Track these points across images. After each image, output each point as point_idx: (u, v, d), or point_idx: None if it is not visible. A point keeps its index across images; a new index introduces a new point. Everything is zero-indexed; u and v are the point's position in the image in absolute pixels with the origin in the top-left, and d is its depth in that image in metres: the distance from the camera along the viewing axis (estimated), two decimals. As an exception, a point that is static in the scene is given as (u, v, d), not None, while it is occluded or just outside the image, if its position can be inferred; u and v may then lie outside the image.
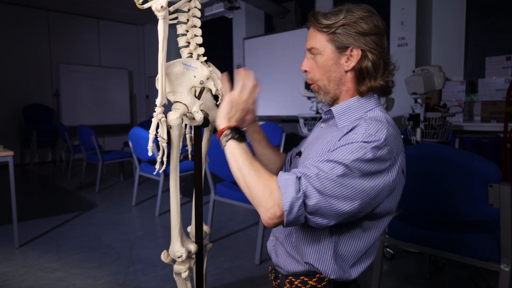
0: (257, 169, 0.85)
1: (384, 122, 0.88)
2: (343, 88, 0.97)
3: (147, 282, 2.27)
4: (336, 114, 0.97)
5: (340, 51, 0.93)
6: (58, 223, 3.44)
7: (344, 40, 0.92)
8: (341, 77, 0.96)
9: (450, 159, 1.49)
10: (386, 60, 0.95)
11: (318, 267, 0.93)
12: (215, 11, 5.00)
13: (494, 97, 3.65)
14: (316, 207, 0.80)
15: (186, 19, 1.24)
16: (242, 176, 0.86)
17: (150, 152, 1.04)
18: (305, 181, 0.80)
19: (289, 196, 0.79)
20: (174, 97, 1.15)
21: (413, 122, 2.69)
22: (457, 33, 4.16)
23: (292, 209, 0.79)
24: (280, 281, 1.03)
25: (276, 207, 0.80)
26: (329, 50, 0.94)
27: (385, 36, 0.96)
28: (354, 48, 0.92)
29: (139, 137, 3.68)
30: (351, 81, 0.96)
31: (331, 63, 0.94)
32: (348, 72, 0.95)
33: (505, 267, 1.43)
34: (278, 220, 0.81)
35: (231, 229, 3.24)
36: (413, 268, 2.42)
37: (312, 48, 0.96)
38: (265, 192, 0.82)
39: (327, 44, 0.94)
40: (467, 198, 1.46)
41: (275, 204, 0.80)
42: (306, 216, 0.81)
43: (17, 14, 6.81)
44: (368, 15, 0.93)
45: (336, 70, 0.95)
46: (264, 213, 0.82)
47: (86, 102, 7.57)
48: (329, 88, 0.97)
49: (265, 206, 0.81)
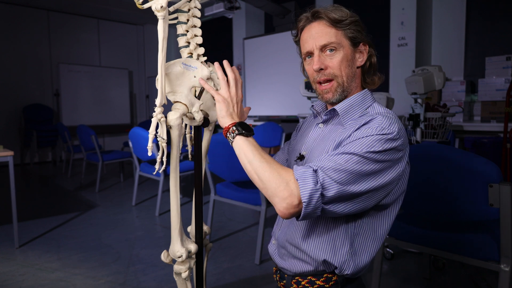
0: (268, 161, 0.85)
1: (393, 116, 0.90)
2: (354, 84, 0.98)
3: (147, 282, 2.27)
4: (341, 113, 0.97)
5: (354, 46, 0.95)
6: (58, 223, 3.44)
7: (357, 35, 0.94)
8: (354, 72, 0.97)
9: (450, 159, 1.49)
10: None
11: (334, 263, 0.94)
12: (215, 11, 5.00)
13: (494, 97, 3.65)
14: (334, 197, 0.81)
15: (186, 19, 1.24)
16: (253, 169, 0.86)
17: (150, 152, 1.04)
18: (322, 173, 0.80)
19: (308, 188, 0.79)
20: (174, 97, 1.14)
21: (413, 122, 2.70)
22: (457, 33, 4.16)
23: (311, 200, 0.78)
24: (286, 281, 1.02)
25: (294, 198, 0.79)
26: (347, 45, 0.95)
27: None
28: (364, 44, 0.94)
29: (139, 137, 3.68)
30: (359, 76, 0.98)
31: (349, 58, 0.95)
32: (358, 68, 0.97)
33: (505, 267, 1.43)
34: (295, 210, 0.80)
35: (231, 229, 3.24)
36: (413, 268, 2.42)
37: (330, 43, 0.93)
38: (281, 182, 0.81)
39: (343, 39, 0.94)
40: (467, 198, 1.46)
41: (292, 195, 0.79)
42: (323, 208, 0.81)
43: (17, 14, 6.81)
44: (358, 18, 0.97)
45: (352, 65, 0.96)
46: (279, 203, 0.81)
47: (86, 102, 7.57)
48: (346, 85, 0.96)
49: (281, 196, 0.80)
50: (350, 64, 0.95)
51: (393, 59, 4.17)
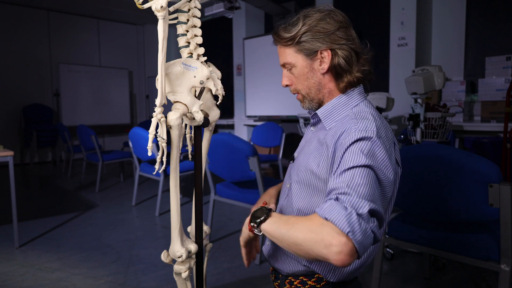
0: (294, 224, 0.77)
1: (370, 118, 0.89)
2: (324, 91, 0.98)
3: (147, 282, 2.27)
4: (322, 116, 0.99)
5: (311, 57, 0.95)
6: (58, 223, 3.44)
7: (310, 46, 0.94)
8: (319, 81, 0.97)
9: (450, 159, 1.49)
10: (357, 50, 0.95)
11: (319, 271, 0.94)
12: (215, 11, 5.00)
13: (494, 97, 3.65)
14: (370, 212, 0.74)
15: (186, 19, 1.24)
16: (290, 244, 0.77)
17: (150, 152, 1.04)
18: (344, 197, 0.74)
19: (342, 215, 0.70)
20: (174, 97, 1.15)
21: (413, 122, 2.69)
22: (457, 33, 4.16)
23: (353, 225, 0.69)
24: (280, 281, 1.04)
25: (336, 236, 0.69)
26: (300, 60, 0.96)
27: (350, 26, 0.96)
28: (323, 50, 0.93)
29: (139, 137, 3.68)
30: (331, 81, 0.98)
31: (307, 71, 0.97)
32: (325, 74, 0.97)
33: (505, 267, 1.43)
34: (348, 248, 0.68)
35: (231, 229, 3.24)
36: (413, 268, 2.42)
37: (285, 63, 1.00)
38: (315, 233, 0.72)
39: (296, 55, 0.96)
40: (467, 198, 1.46)
41: (332, 236, 0.69)
42: (371, 230, 0.72)
43: (17, 14, 6.81)
44: (326, 13, 0.93)
45: (313, 76, 0.97)
46: (329, 253, 0.69)
47: (86, 102, 7.56)
48: (312, 95, 0.99)
49: (324, 244, 0.70)
50: (310, 76, 0.97)
51: (393, 59, 4.17)
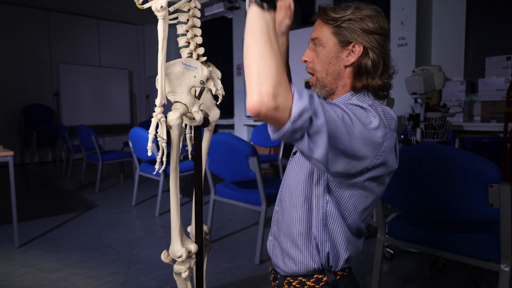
0: (275, 51, 0.71)
1: (368, 107, 0.86)
2: (340, 83, 0.97)
3: (147, 282, 2.27)
4: None
5: (343, 45, 0.94)
6: (58, 223, 3.44)
7: (348, 35, 0.93)
8: (339, 71, 0.96)
9: (450, 159, 1.49)
10: (386, 61, 0.96)
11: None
12: (215, 11, 5.00)
13: (494, 97, 3.65)
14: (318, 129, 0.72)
15: (186, 19, 1.24)
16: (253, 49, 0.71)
17: (150, 152, 1.04)
18: (318, 100, 0.73)
19: (303, 103, 0.69)
20: (174, 97, 1.15)
21: (413, 122, 2.69)
22: (457, 33, 4.16)
23: (301, 116, 0.69)
24: (279, 281, 1.03)
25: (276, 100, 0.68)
26: (332, 42, 0.95)
27: (389, 39, 0.98)
28: (357, 44, 0.93)
29: (139, 137, 3.68)
30: (349, 76, 0.96)
31: (332, 55, 0.95)
32: (347, 67, 0.95)
33: (505, 267, 1.43)
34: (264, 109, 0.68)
35: (231, 229, 3.24)
36: (413, 268, 2.42)
37: (316, 38, 0.97)
38: (274, 78, 0.68)
39: (331, 36, 0.95)
40: (467, 198, 1.46)
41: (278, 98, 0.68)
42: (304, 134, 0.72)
43: (17, 14, 6.81)
44: (375, 14, 0.94)
45: (335, 63, 0.96)
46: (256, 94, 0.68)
47: (86, 102, 7.56)
48: (326, 81, 0.97)
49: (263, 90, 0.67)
50: (333, 61, 0.96)
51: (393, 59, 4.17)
